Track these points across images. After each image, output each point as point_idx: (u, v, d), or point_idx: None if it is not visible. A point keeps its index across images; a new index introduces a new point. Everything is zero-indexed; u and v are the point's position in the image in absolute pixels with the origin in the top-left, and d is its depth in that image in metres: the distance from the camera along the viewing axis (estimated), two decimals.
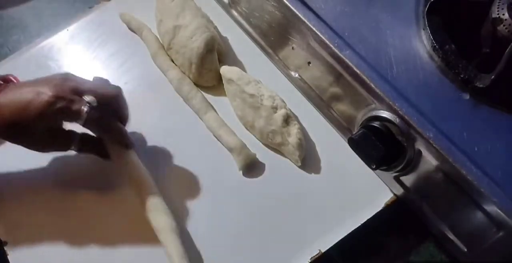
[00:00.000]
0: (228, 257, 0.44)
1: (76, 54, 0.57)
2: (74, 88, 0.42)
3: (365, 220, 0.43)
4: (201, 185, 0.47)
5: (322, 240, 0.43)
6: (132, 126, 0.51)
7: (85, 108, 0.41)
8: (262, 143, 0.49)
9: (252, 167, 0.47)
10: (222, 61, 0.52)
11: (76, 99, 0.41)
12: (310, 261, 0.42)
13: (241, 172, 0.47)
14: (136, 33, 0.57)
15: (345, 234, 0.43)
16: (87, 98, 0.42)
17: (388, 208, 0.44)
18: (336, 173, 0.46)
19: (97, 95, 0.42)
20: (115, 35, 0.58)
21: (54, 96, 0.40)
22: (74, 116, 0.41)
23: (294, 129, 0.46)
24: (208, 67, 0.51)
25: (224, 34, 0.56)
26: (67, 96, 0.41)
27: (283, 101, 0.48)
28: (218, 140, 0.49)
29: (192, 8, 0.53)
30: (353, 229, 0.43)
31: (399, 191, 0.43)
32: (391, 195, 0.45)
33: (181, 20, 0.51)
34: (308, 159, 0.47)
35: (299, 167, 0.47)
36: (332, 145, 0.48)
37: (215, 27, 0.55)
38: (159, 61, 0.54)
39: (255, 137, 0.49)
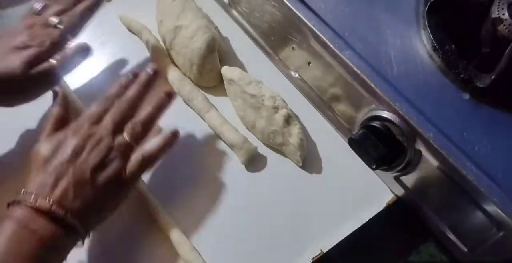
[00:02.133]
0: (230, 256, 0.44)
1: None
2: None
3: (366, 220, 0.43)
4: (203, 184, 0.47)
5: (324, 240, 0.43)
6: None
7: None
8: (263, 143, 0.49)
9: (254, 164, 0.48)
10: (222, 62, 0.52)
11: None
12: (312, 261, 0.42)
13: (243, 172, 0.47)
14: (136, 35, 0.57)
15: (347, 234, 0.43)
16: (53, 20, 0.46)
17: (388, 208, 0.44)
18: (337, 173, 0.47)
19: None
20: (115, 35, 0.58)
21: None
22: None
23: (295, 129, 0.46)
24: (209, 67, 0.51)
25: (224, 35, 0.56)
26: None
27: (284, 101, 0.48)
28: (220, 137, 0.49)
29: (193, 9, 0.53)
30: (354, 229, 0.43)
31: (399, 191, 0.43)
32: (393, 194, 0.45)
33: (182, 21, 0.51)
34: (309, 159, 0.47)
35: (300, 167, 0.47)
36: (333, 145, 0.48)
37: (216, 28, 0.55)
38: (159, 63, 0.54)
39: (256, 137, 0.49)
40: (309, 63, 0.46)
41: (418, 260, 0.44)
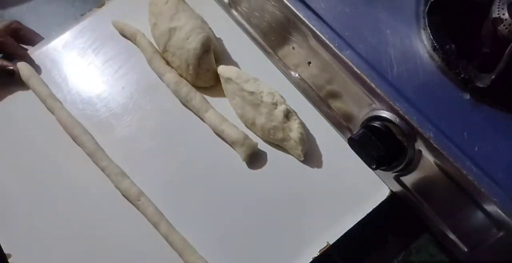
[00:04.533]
0: (233, 253, 0.44)
1: (71, 61, 0.57)
2: None
3: (370, 210, 0.44)
4: (205, 184, 0.47)
5: (328, 233, 0.43)
6: (131, 130, 0.51)
7: None
8: (263, 140, 0.49)
9: (255, 161, 0.48)
10: (218, 62, 0.52)
11: None
12: (319, 253, 0.42)
13: (245, 169, 0.48)
14: (130, 40, 0.57)
15: (350, 226, 0.43)
16: None
17: (388, 208, 0.44)
18: (338, 166, 0.47)
19: None
20: (109, 40, 0.57)
21: None
22: None
23: (295, 124, 0.46)
24: (205, 67, 0.51)
25: (224, 34, 0.56)
26: None
27: (282, 97, 0.48)
28: (220, 135, 0.49)
29: (186, 10, 0.53)
30: (357, 221, 0.43)
31: (399, 190, 0.43)
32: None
33: (176, 22, 0.51)
34: (309, 153, 0.48)
35: (301, 161, 0.47)
36: (332, 140, 0.48)
37: (209, 28, 0.54)
38: (155, 66, 0.54)
39: (256, 134, 0.50)
40: (309, 63, 0.46)
41: (418, 260, 0.44)
